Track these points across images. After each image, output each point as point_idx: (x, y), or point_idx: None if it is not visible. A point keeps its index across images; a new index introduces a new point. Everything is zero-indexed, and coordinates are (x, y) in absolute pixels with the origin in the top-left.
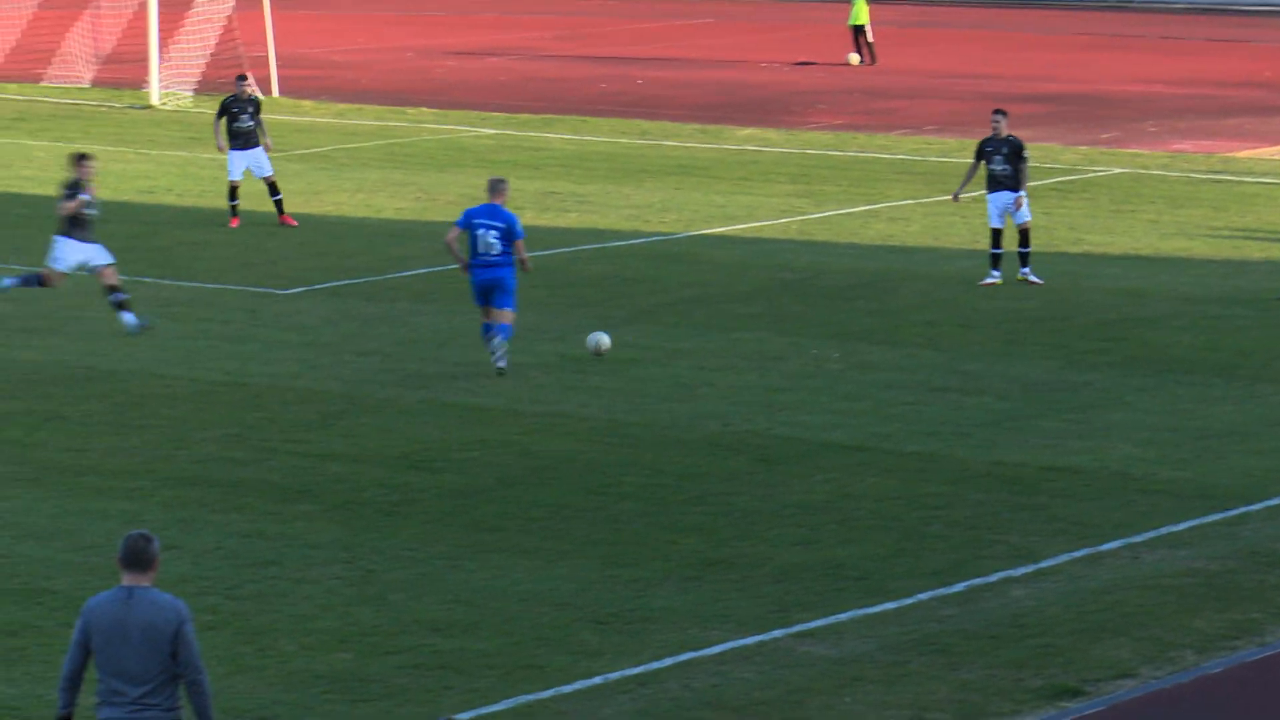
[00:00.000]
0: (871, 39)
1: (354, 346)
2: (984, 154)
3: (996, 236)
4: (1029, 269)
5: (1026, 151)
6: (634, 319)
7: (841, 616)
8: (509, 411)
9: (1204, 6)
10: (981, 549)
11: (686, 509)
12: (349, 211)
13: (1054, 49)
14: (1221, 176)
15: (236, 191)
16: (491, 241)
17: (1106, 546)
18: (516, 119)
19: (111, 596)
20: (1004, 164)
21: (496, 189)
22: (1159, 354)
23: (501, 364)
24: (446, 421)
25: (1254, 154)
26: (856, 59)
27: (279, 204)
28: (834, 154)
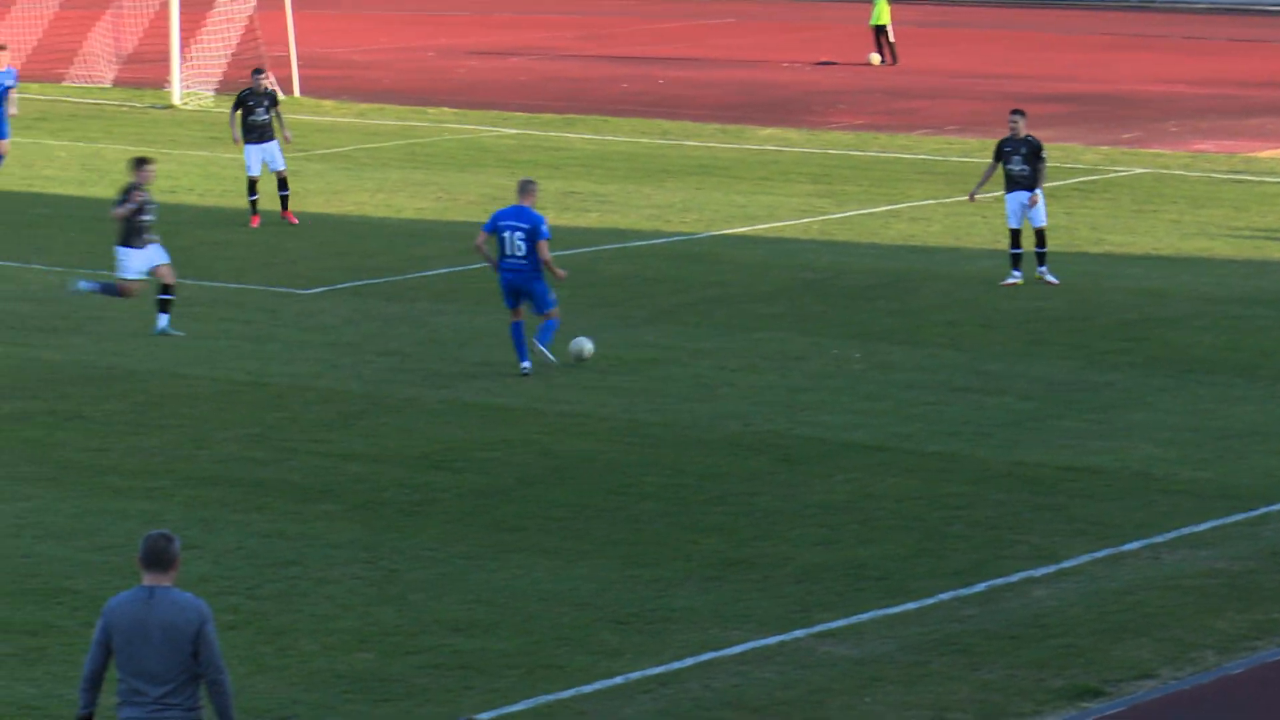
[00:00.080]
0: (893, 39)
1: (375, 346)
2: (1002, 154)
3: (1015, 237)
4: (1046, 268)
5: (1045, 152)
6: (655, 319)
7: (863, 616)
8: (530, 411)
9: (1226, 6)
10: (1003, 549)
11: (707, 509)
12: (370, 211)
13: (1076, 49)
14: (1243, 177)
15: (255, 186)
16: (518, 243)
17: (1128, 547)
18: (538, 119)
19: (132, 596)
20: (1022, 164)
21: (525, 190)
22: (1180, 354)
23: (549, 356)
24: (467, 421)
25: (1276, 154)
26: (877, 59)
27: (285, 199)
28: (855, 154)
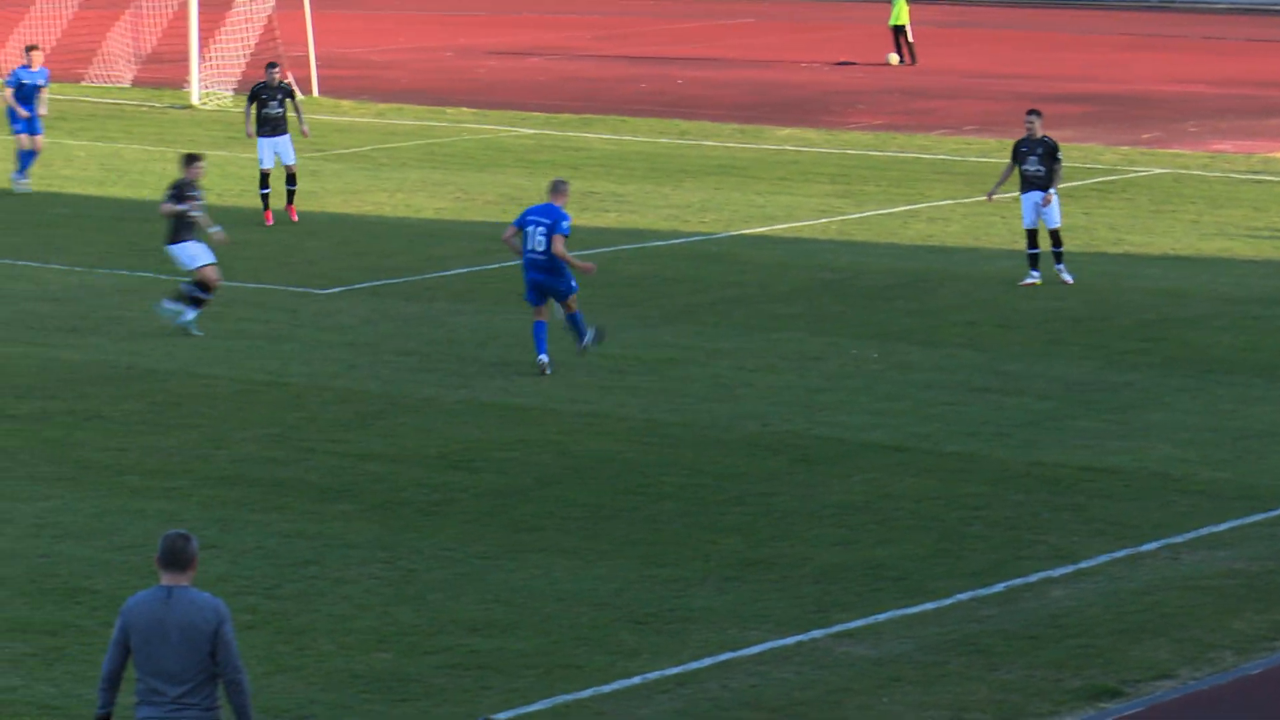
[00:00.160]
0: (912, 39)
1: (393, 346)
2: (1019, 154)
3: (1032, 237)
4: (1063, 265)
5: (1060, 153)
6: (673, 319)
7: (880, 617)
8: (548, 411)
9: (1245, 6)
10: (1021, 549)
11: (725, 509)
12: (388, 211)
13: (1094, 49)
14: (1262, 177)
15: (268, 179)
16: (539, 238)
17: (1146, 547)
18: (556, 119)
19: (150, 596)
20: (1038, 164)
21: (555, 189)
22: (1199, 354)
23: (585, 342)
24: (485, 421)
25: None
26: (896, 59)
27: (291, 194)
28: (874, 154)
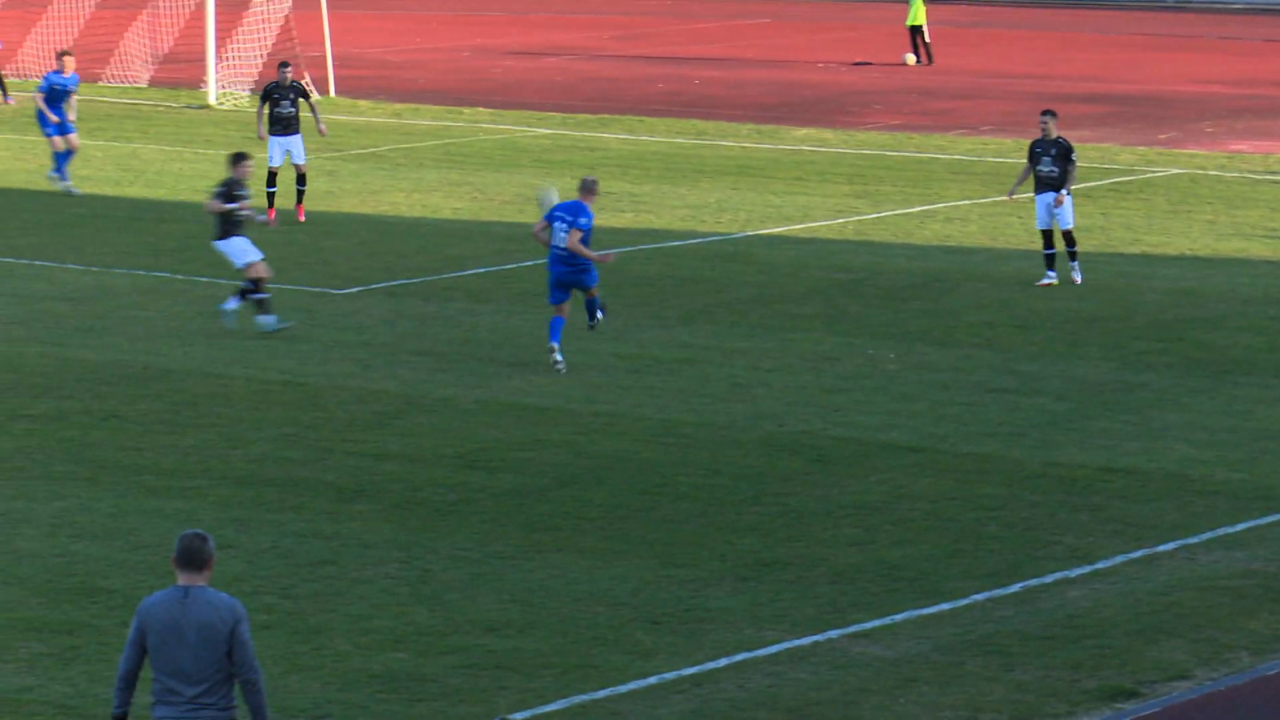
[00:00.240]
0: (928, 39)
1: (410, 346)
2: (1033, 155)
3: (1047, 238)
4: (1076, 263)
5: (1075, 154)
6: (690, 319)
7: (897, 617)
8: (565, 411)
9: (1263, 7)
10: (1037, 550)
11: (742, 509)
12: (405, 211)
13: (1111, 49)
14: (1279, 177)
15: (275, 178)
16: (563, 235)
17: (1163, 548)
18: (573, 119)
19: (167, 596)
20: (1051, 165)
21: (584, 187)
22: (1216, 355)
23: (594, 322)
24: (503, 421)
25: None
26: (913, 59)
27: (300, 194)
28: (890, 154)
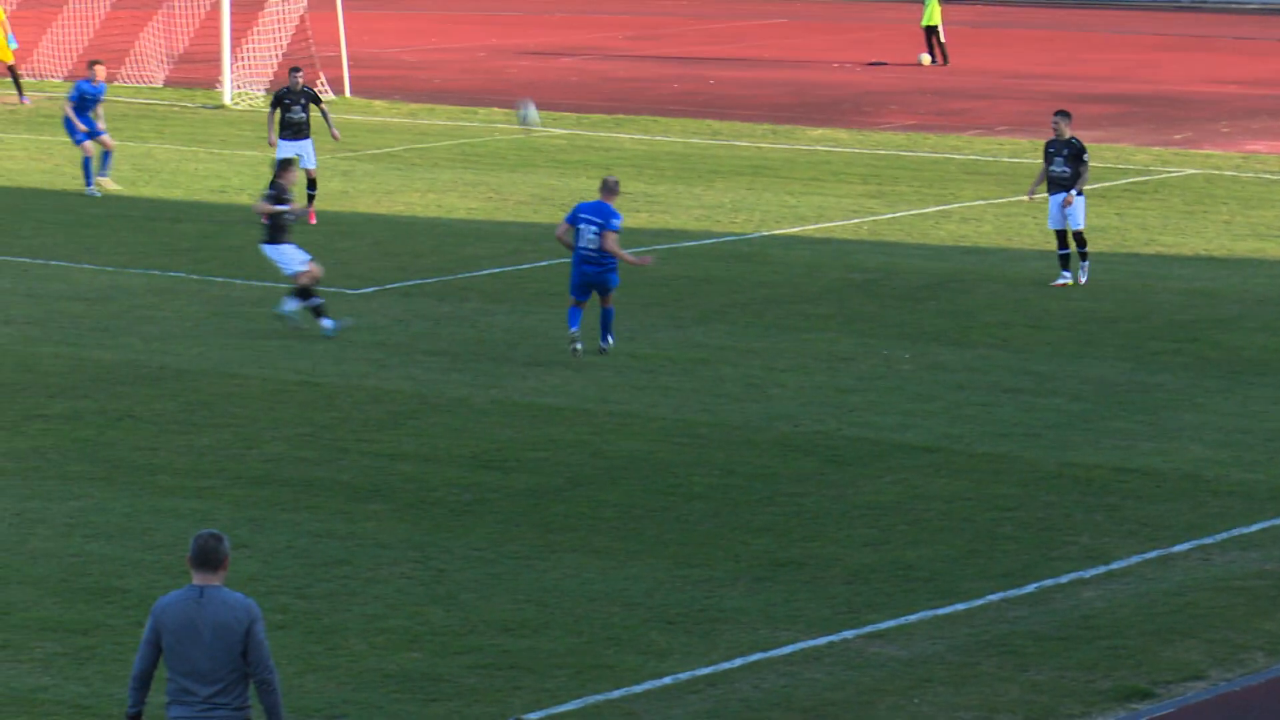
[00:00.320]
0: (944, 39)
1: (425, 346)
2: (1047, 155)
3: (1060, 238)
4: (1086, 264)
5: (1087, 155)
6: (705, 319)
7: (912, 618)
8: (580, 411)
9: (1278, 7)
10: (1052, 550)
11: (757, 509)
12: (420, 211)
13: (1127, 49)
14: None
15: None
16: (591, 236)
17: (1178, 548)
18: (588, 119)
19: (182, 596)
20: (1063, 166)
21: (609, 188)
22: (1231, 355)
23: (610, 347)
24: (517, 421)
25: None
26: (928, 59)
27: (311, 198)
28: (906, 154)
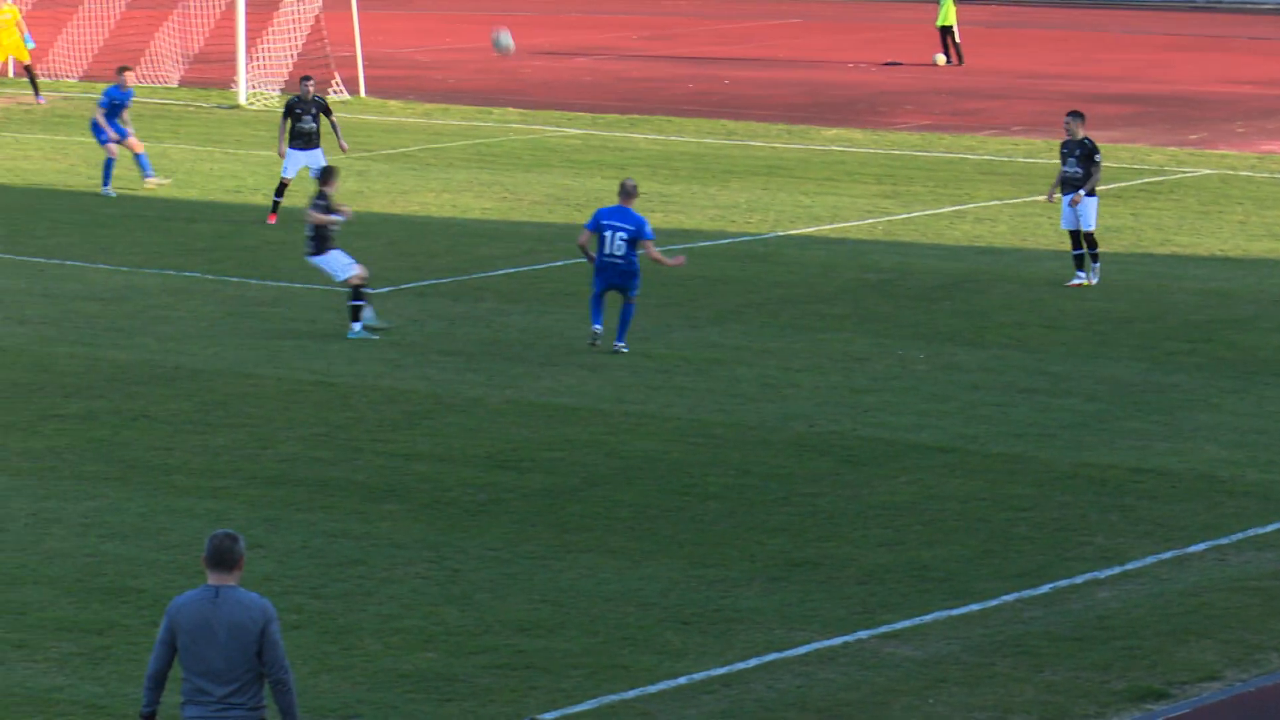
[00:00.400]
0: (959, 39)
1: (440, 346)
2: (1061, 156)
3: (1074, 238)
4: (1097, 265)
5: (1099, 155)
6: (720, 319)
7: (926, 618)
8: (595, 411)
9: None
10: (1067, 550)
11: (772, 509)
12: (435, 211)
13: (1141, 49)
14: None
15: (285, 189)
16: (619, 243)
17: (1193, 548)
18: (602, 119)
19: (198, 596)
20: (1076, 166)
21: (628, 192)
22: (1247, 355)
23: (624, 347)
24: (533, 421)
25: None
26: (943, 59)
27: None
28: (920, 154)
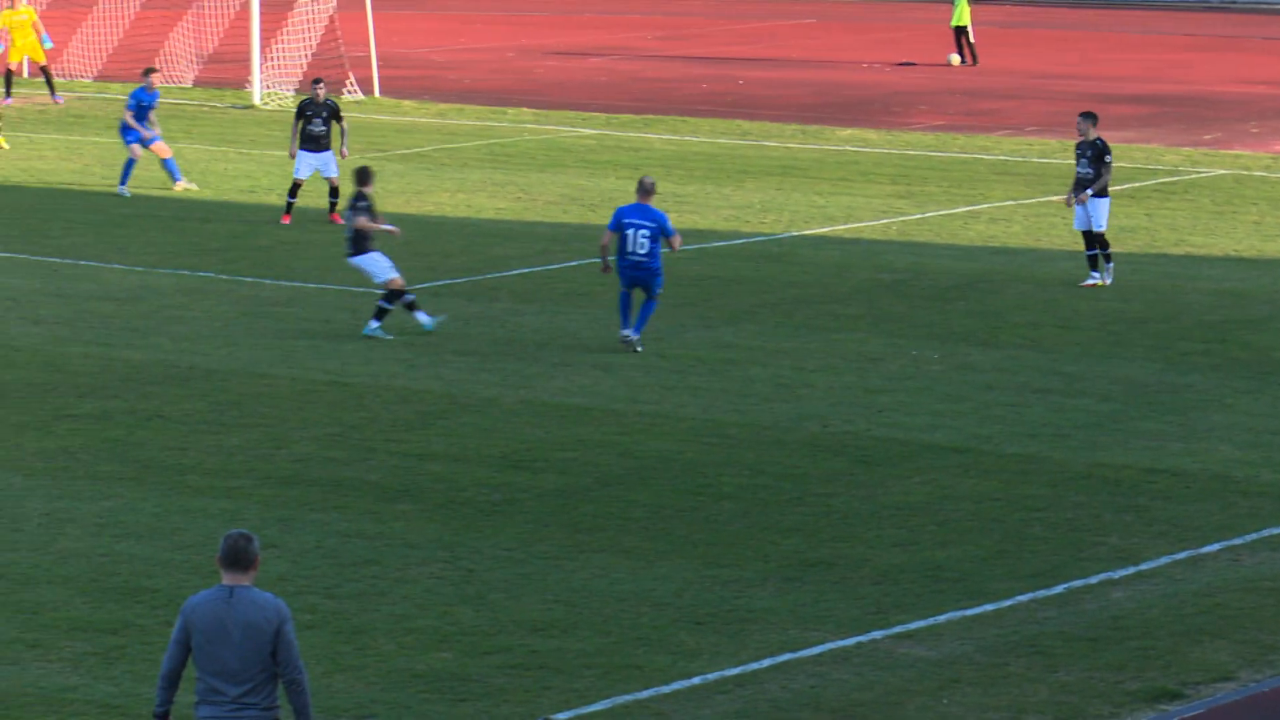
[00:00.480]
0: (973, 39)
1: (454, 346)
2: (1076, 156)
3: (1087, 238)
4: (1110, 265)
5: (1109, 156)
6: (734, 319)
7: (940, 618)
8: (609, 411)
9: None
10: (1082, 551)
11: (786, 510)
12: (449, 211)
13: (1156, 50)
14: None
15: (298, 190)
16: (641, 240)
17: (1207, 549)
18: (617, 119)
19: (212, 595)
20: (1087, 166)
21: (646, 190)
22: (1261, 355)
23: (638, 345)
24: (546, 421)
25: None
26: (957, 59)
27: (333, 204)
28: (935, 155)
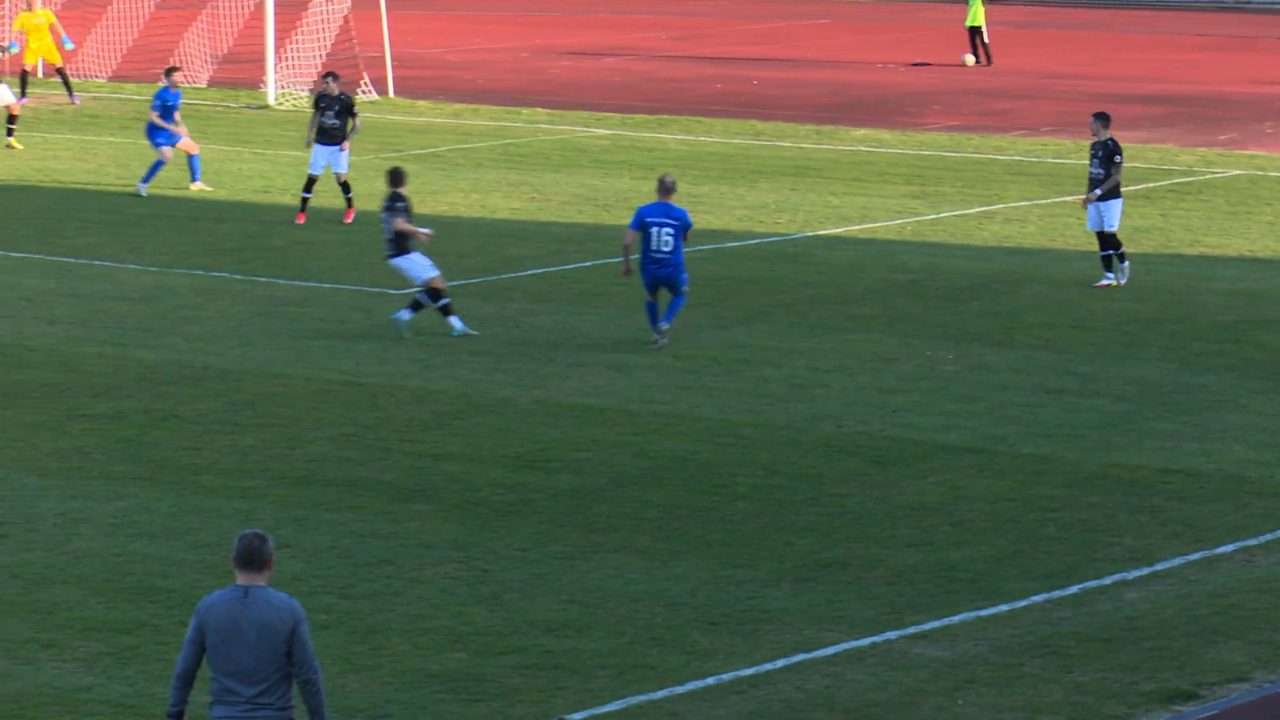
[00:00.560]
0: (987, 40)
1: (469, 346)
2: (1089, 158)
3: (1100, 239)
4: (1125, 265)
5: (1120, 157)
6: (748, 319)
7: (955, 619)
8: (623, 412)
9: None
10: (1096, 551)
11: (800, 510)
12: (464, 212)
13: (1171, 50)
14: None
15: (313, 185)
16: (665, 238)
17: (1222, 549)
18: (631, 119)
19: (227, 595)
20: (1098, 167)
21: (667, 188)
22: (1276, 356)
23: (662, 341)
24: (561, 421)
25: None
26: (971, 60)
27: (348, 200)
28: (949, 155)
